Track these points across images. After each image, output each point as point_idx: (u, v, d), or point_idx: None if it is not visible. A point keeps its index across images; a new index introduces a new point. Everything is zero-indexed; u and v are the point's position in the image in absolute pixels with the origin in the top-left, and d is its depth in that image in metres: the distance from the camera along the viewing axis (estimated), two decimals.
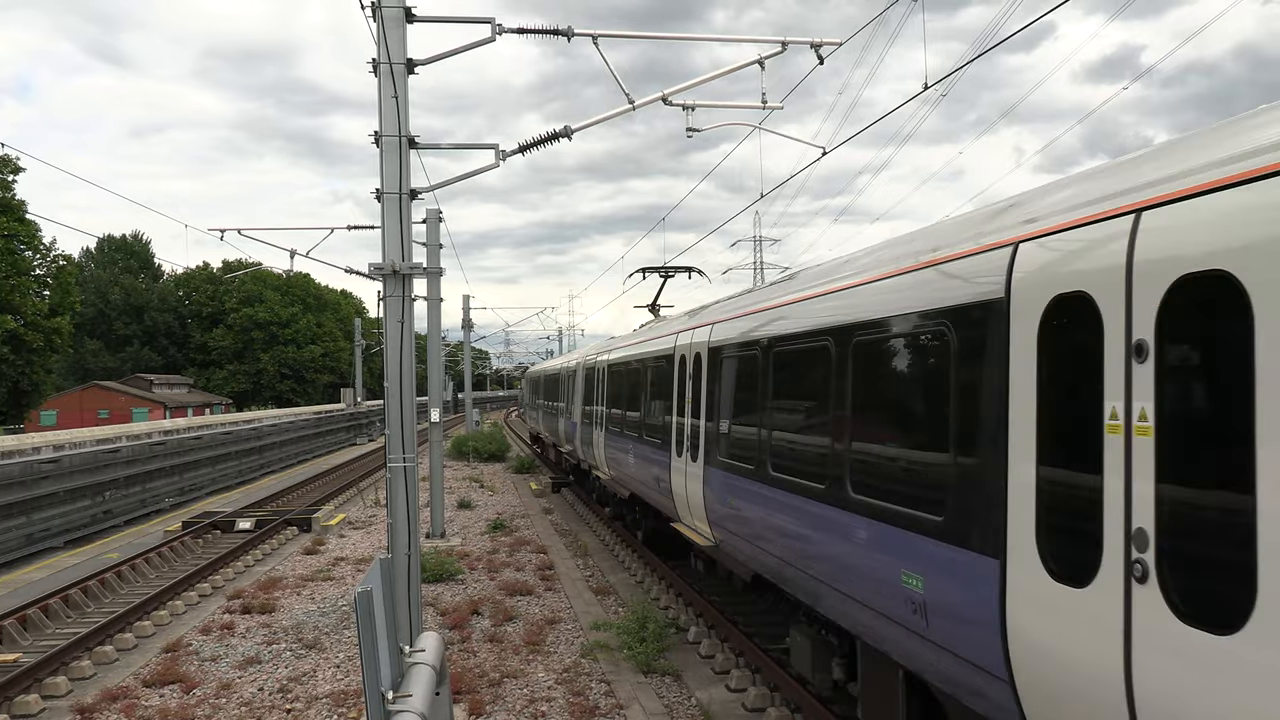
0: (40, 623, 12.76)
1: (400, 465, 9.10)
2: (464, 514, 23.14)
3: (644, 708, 9.38)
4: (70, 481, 22.49)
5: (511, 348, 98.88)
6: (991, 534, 4.87)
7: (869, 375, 6.60)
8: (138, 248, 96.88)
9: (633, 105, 10.43)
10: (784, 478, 8.03)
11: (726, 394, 10.15)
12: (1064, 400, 4.46)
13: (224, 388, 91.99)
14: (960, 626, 5.21)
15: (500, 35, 9.57)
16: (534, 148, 10.04)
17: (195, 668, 11.08)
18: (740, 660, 10.55)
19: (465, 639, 11.97)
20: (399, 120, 9.02)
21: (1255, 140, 3.60)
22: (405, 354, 9.07)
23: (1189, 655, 3.58)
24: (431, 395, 18.37)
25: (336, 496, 27.48)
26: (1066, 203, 4.74)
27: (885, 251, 6.94)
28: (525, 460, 36.17)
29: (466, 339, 49.35)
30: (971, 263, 5.36)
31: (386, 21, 8.94)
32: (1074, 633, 4.25)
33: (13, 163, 50.66)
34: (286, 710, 9.63)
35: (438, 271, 16.60)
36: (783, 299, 8.82)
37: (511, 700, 9.73)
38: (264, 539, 19.46)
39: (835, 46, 10.94)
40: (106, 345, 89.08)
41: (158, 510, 26.41)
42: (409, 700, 5.37)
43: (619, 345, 18.17)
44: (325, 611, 13.59)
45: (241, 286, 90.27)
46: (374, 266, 9.22)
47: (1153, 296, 3.87)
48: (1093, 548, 4.13)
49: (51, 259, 56.74)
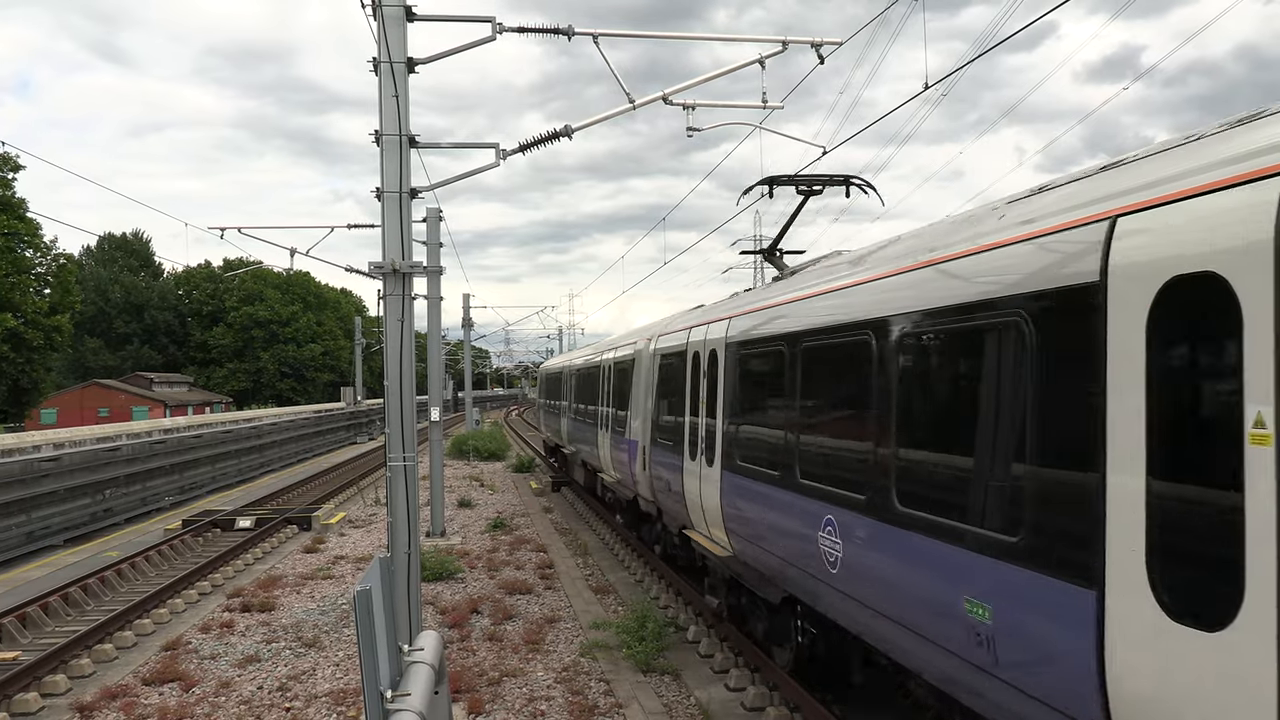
0: (40, 621, 12.76)
1: (400, 464, 9.10)
2: (464, 513, 23.14)
3: (643, 707, 9.38)
4: (70, 480, 22.48)
5: (511, 347, 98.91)
6: (1084, 559, 4.16)
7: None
8: (138, 246, 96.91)
9: (633, 105, 10.43)
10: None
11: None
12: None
13: (224, 386, 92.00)
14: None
15: (501, 34, 9.56)
16: (534, 147, 10.03)
17: (195, 666, 11.08)
18: (739, 659, 10.54)
19: (465, 638, 11.97)
20: (399, 119, 9.02)
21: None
22: (405, 353, 9.07)
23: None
24: (431, 394, 18.36)
25: (336, 495, 27.48)
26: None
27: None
28: (525, 459, 36.17)
29: (467, 338, 49.35)
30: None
31: (387, 20, 8.94)
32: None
33: (13, 160, 50.69)
34: (286, 709, 9.63)
35: (438, 270, 16.61)
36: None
37: (510, 699, 9.73)
38: (264, 537, 19.46)
39: (836, 46, 10.94)
40: (107, 343, 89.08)
41: (158, 509, 26.40)
42: (407, 699, 5.36)
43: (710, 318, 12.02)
44: (325, 610, 13.59)
45: (242, 285, 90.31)
46: (374, 265, 9.22)
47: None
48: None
49: (52, 257, 56.77)
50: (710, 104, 11.81)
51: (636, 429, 15.44)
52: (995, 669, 4.87)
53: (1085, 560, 4.14)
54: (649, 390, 14.82)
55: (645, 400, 15.03)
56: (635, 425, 15.59)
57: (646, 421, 14.80)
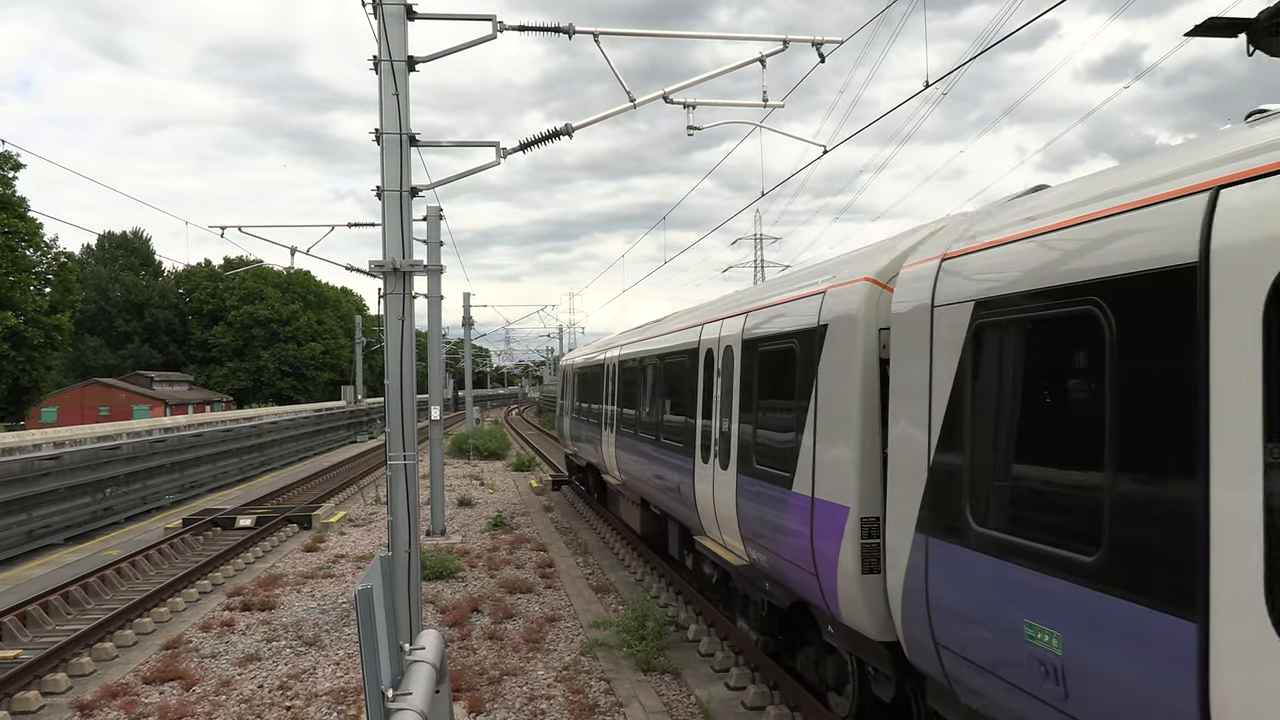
0: (40, 619, 12.76)
1: (401, 463, 9.10)
2: (464, 511, 23.14)
3: (643, 705, 9.38)
4: (71, 478, 22.48)
5: (512, 346, 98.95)
6: (1181, 583, 3.58)
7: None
8: (138, 244, 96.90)
9: (633, 103, 10.42)
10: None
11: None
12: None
13: (224, 385, 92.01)
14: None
15: (501, 32, 9.56)
16: (534, 145, 10.03)
17: (195, 665, 11.08)
18: (740, 658, 10.54)
19: (465, 637, 11.97)
20: (400, 117, 9.02)
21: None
22: (406, 351, 9.07)
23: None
24: (432, 393, 18.37)
25: (337, 494, 27.48)
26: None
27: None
28: (525, 458, 36.17)
29: (467, 336, 49.32)
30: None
31: (387, 18, 8.94)
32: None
33: (13, 159, 50.70)
34: (286, 707, 9.63)
35: (438, 269, 16.61)
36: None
37: (511, 698, 9.73)
38: (264, 536, 19.47)
39: (836, 45, 10.94)
40: (107, 342, 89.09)
41: (158, 507, 26.40)
42: (409, 698, 5.36)
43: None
44: (325, 609, 13.59)
45: (242, 284, 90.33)
46: (374, 264, 9.22)
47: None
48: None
49: (52, 256, 56.77)
50: (711, 103, 11.82)
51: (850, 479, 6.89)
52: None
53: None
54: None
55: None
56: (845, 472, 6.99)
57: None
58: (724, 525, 10.13)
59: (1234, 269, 3.46)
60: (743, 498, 9.31)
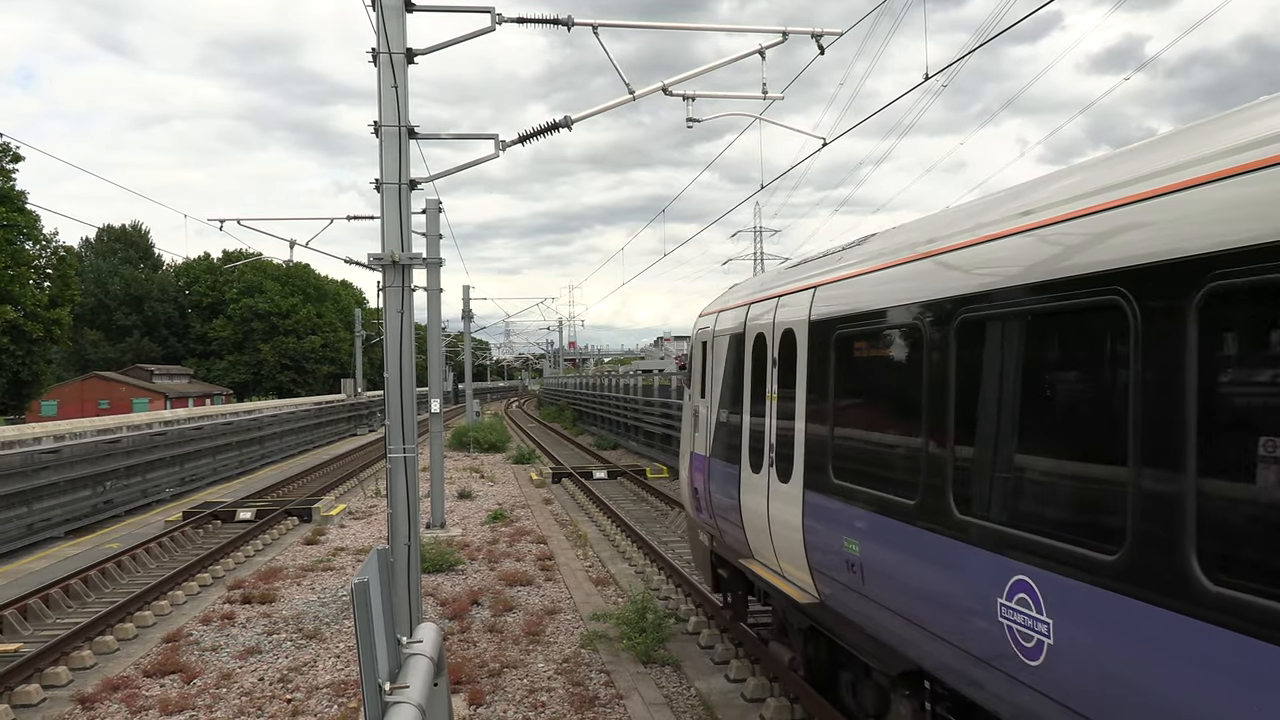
0: (41, 612, 12.78)
1: (400, 456, 9.09)
2: (464, 504, 23.15)
3: (643, 698, 9.39)
4: (71, 471, 22.48)
5: (512, 338, 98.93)
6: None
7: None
8: (137, 238, 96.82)
9: (633, 95, 10.40)
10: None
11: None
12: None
13: (224, 378, 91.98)
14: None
15: (500, 25, 9.53)
16: (534, 138, 10.01)
17: (196, 657, 11.09)
18: (740, 650, 10.55)
19: (465, 629, 11.99)
20: (399, 110, 8.99)
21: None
22: (405, 345, 9.06)
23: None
24: (432, 386, 18.37)
25: (337, 487, 27.50)
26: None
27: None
28: (525, 451, 36.19)
29: (467, 329, 49.29)
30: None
31: (386, 11, 8.91)
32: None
33: (13, 151, 50.66)
34: (287, 700, 9.64)
35: (437, 262, 16.59)
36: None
37: (511, 690, 9.74)
38: (264, 529, 19.49)
39: (836, 36, 10.90)
40: (106, 336, 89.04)
41: (158, 500, 26.42)
42: (406, 691, 5.36)
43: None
44: (325, 601, 13.60)
45: (241, 277, 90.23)
46: (373, 257, 9.21)
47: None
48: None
49: (52, 250, 56.74)
50: (711, 95, 11.78)
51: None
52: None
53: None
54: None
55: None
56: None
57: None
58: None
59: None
60: None
